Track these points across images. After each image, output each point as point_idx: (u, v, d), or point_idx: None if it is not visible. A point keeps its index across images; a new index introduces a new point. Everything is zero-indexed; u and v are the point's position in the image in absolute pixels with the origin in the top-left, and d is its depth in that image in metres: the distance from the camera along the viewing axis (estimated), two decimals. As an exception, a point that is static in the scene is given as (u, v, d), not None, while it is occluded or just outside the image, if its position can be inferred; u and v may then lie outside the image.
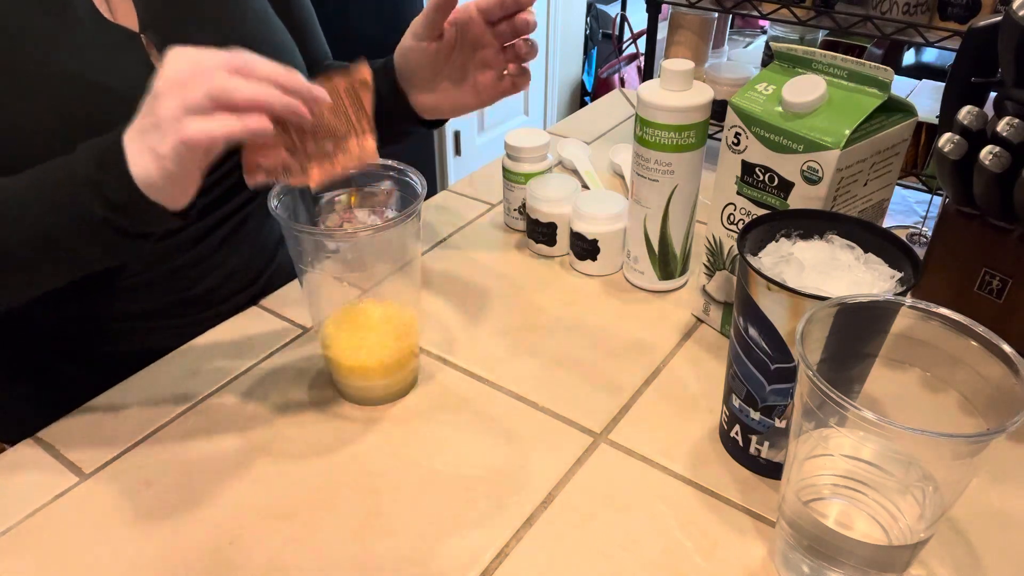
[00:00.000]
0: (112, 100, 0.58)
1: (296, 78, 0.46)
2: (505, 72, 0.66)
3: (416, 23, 0.62)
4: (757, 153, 0.57)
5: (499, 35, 0.64)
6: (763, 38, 1.17)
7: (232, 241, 0.72)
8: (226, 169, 0.66)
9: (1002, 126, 0.53)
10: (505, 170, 0.81)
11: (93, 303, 0.67)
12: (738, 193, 0.59)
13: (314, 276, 0.56)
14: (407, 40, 0.64)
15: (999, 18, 0.53)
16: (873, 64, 0.53)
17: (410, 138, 0.74)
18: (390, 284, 0.58)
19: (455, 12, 0.62)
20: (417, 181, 0.56)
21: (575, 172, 0.93)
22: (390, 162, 0.57)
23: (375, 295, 0.59)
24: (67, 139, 0.56)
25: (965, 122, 0.55)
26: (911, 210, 0.95)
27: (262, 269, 0.77)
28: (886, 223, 0.61)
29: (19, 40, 0.55)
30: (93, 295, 0.67)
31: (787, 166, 0.55)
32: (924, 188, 0.85)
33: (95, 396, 0.61)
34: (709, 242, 0.64)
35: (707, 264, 0.66)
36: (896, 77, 0.55)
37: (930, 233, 0.64)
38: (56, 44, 0.57)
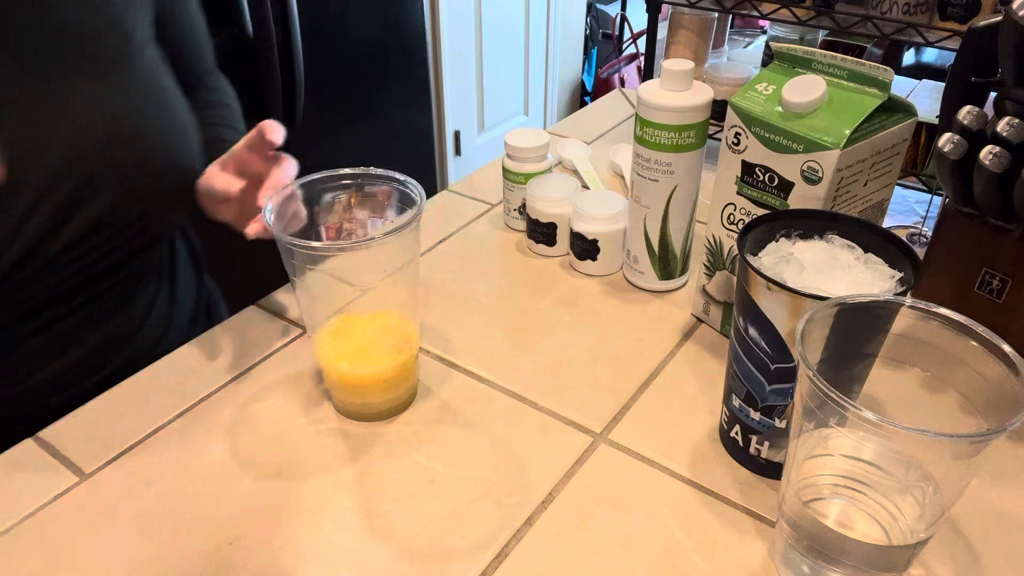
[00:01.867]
0: None
1: None
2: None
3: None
4: (757, 153, 0.57)
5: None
6: (763, 38, 1.17)
7: (77, 332, 0.66)
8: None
9: (1002, 126, 0.53)
10: (505, 170, 0.81)
11: None
12: (738, 193, 0.59)
13: (308, 289, 0.54)
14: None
15: (999, 18, 0.53)
16: (873, 64, 0.53)
17: (410, 138, 0.73)
18: (388, 296, 0.57)
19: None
20: (416, 191, 0.55)
21: (575, 172, 0.93)
22: (389, 172, 0.56)
23: (372, 307, 0.58)
24: None
25: (965, 122, 0.55)
26: (911, 210, 0.95)
27: (117, 350, 0.70)
28: (886, 223, 0.61)
29: None
30: None
31: (787, 166, 0.55)
32: (924, 188, 0.85)
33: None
34: (709, 242, 0.64)
35: (707, 264, 0.66)
36: (896, 77, 0.55)
37: (930, 233, 0.64)
38: None
